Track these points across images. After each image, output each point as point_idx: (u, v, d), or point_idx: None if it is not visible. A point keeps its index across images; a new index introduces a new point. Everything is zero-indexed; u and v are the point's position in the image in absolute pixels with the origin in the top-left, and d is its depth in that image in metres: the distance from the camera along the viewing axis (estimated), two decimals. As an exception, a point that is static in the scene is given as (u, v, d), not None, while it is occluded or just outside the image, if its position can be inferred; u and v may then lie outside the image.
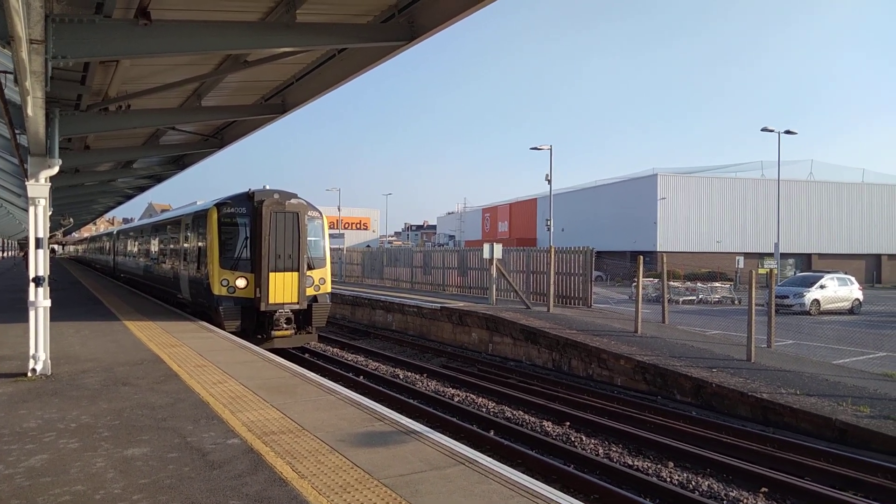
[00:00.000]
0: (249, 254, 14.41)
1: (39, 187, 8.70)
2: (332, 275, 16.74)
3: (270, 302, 14.00)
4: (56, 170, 8.80)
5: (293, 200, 14.59)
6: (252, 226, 14.40)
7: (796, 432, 9.60)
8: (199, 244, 15.54)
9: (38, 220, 8.68)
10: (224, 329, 13.56)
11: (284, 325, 14.30)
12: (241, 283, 14.20)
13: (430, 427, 7.47)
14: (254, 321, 14.31)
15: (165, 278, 20.00)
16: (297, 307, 14.40)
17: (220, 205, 14.70)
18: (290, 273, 14.21)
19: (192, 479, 4.97)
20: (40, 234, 8.66)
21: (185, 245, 17.21)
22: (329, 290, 15.53)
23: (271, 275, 13.98)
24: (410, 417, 7.55)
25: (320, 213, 15.78)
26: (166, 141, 17.31)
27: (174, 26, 8.01)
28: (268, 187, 14.93)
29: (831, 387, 10.76)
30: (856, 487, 7.71)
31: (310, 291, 14.70)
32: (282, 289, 14.10)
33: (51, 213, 9.88)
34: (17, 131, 10.01)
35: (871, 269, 58.61)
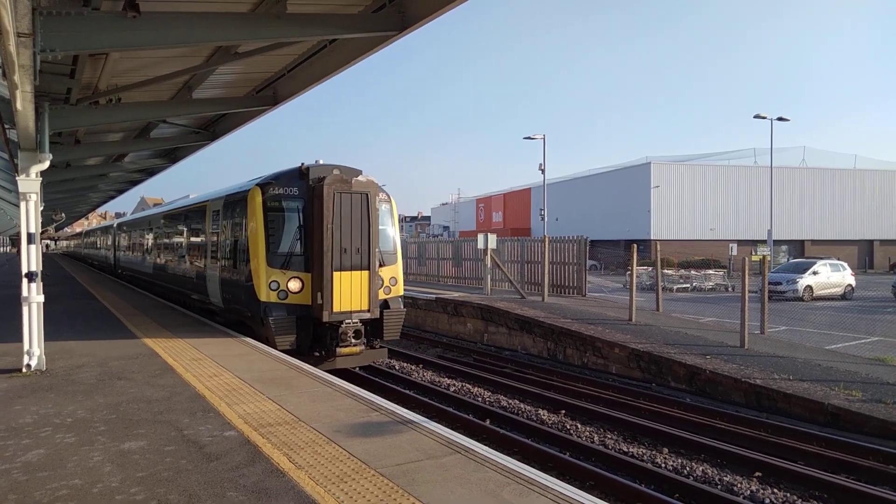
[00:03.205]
0: (303, 248, 11.44)
1: (30, 182, 8.65)
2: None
3: (335, 310, 10.97)
4: (47, 164, 8.75)
5: (360, 178, 11.57)
6: (308, 211, 11.50)
7: (789, 417, 9.70)
8: (236, 236, 12.59)
9: (30, 216, 8.64)
10: (275, 346, 10.80)
11: (353, 341, 11.37)
12: (294, 285, 11.23)
13: (427, 417, 7.50)
14: (310, 335, 11.41)
15: (186, 279, 16.70)
16: (367, 316, 11.38)
17: (264, 185, 11.66)
18: (358, 272, 11.17)
19: (190, 471, 4.99)
20: (32, 230, 8.62)
21: (215, 238, 14.06)
22: (402, 292, 12.51)
23: (336, 274, 10.94)
24: (406, 407, 7.58)
25: (388, 194, 12.75)
26: (158, 134, 17.21)
27: (163, 18, 7.94)
28: (321, 162, 11.90)
29: (824, 372, 10.86)
30: (849, 471, 7.80)
31: (380, 295, 11.74)
32: (349, 293, 11.09)
33: (42, 208, 9.83)
34: (6, 126, 9.94)
35: (864, 254, 58.95)
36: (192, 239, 16.46)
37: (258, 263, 11.30)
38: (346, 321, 11.24)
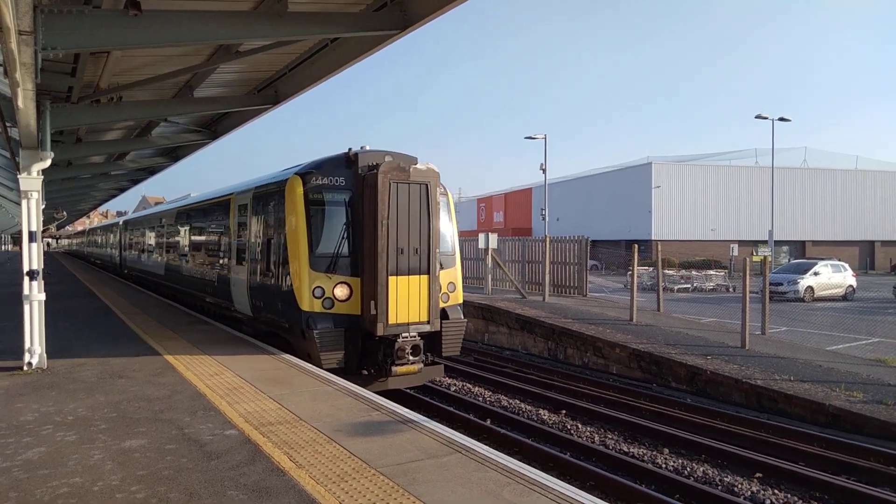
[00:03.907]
0: (350, 248, 9.88)
1: (31, 180, 8.67)
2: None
3: (391, 322, 9.36)
4: (48, 163, 8.76)
5: (419, 166, 9.85)
6: (357, 205, 9.93)
7: (790, 418, 9.69)
8: (269, 234, 11.03)
9: (31, 214, 8.65)
10: (320, 364, 9.31)
11: (410, 358, 9.67)
12: (341, 292, 9.68)
13: (427, 416, 7.50)
14: (358, 350, 9.85)
15: (205, 282, 14.94)
16: (427, 329, 9.73)
17: (304, 174, 10.08)
18: (416, 276, 9.54)
19: (191, 469, 4.99)
20: (33, 228, 8.63)
21: (242, 236, 12.48)
22: (461, 300, 11.04)
23: (391, 279, 9.34)
24: (407, 407, 7.58)
25: (444, 186, 10.88)
26: (159, 133, 17.21)
27: (165, 16, 7.93)
28: (367, 147, 10.32)
29: (825, 373, 10.85)
30: (849, 472, 7.79)
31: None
32: (406, 301, 9.47)
33: (44, 206, 9.84)
34: (8, 124, 9.95)
35: (865, 255, 58.87)
36: (213, 237, 14.94)
37: (299, 266, 9.76)
38: (403, 335, 9.58)
